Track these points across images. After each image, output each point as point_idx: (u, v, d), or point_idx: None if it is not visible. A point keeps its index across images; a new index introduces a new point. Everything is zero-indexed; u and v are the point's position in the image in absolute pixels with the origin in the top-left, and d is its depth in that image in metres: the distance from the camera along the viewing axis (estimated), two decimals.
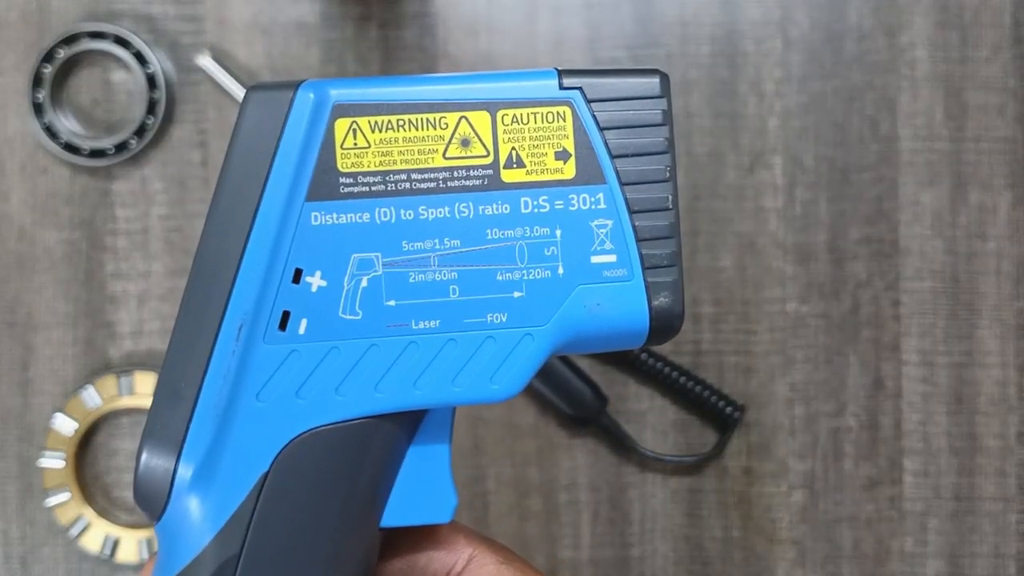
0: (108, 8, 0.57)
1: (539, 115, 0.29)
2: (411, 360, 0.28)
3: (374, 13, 0.57)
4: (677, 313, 0.29)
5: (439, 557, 0.30)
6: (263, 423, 0.28)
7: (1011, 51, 0.57)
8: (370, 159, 0.28)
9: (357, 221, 0.28)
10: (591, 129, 0.29)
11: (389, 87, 0.29)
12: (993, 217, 0.57)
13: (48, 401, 0.57)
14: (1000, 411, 0.57)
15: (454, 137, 0.29)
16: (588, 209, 0.29)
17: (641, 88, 0.29)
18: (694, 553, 0.57)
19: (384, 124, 0.28)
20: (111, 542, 0.56)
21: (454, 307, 0.28)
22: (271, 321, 0.28)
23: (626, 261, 0.28)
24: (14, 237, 0.57)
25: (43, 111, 0.56)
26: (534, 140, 0.29)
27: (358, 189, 0.28)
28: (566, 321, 0.28)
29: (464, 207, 0.28)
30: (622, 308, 0.28)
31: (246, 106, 0.29)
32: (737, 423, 0.56)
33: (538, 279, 0.28)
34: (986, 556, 0.57)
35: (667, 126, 0.29)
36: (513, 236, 0.29)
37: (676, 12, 0.57)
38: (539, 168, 0.29)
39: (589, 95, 0.29)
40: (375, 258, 0.28)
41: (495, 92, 0.29)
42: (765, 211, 0.57)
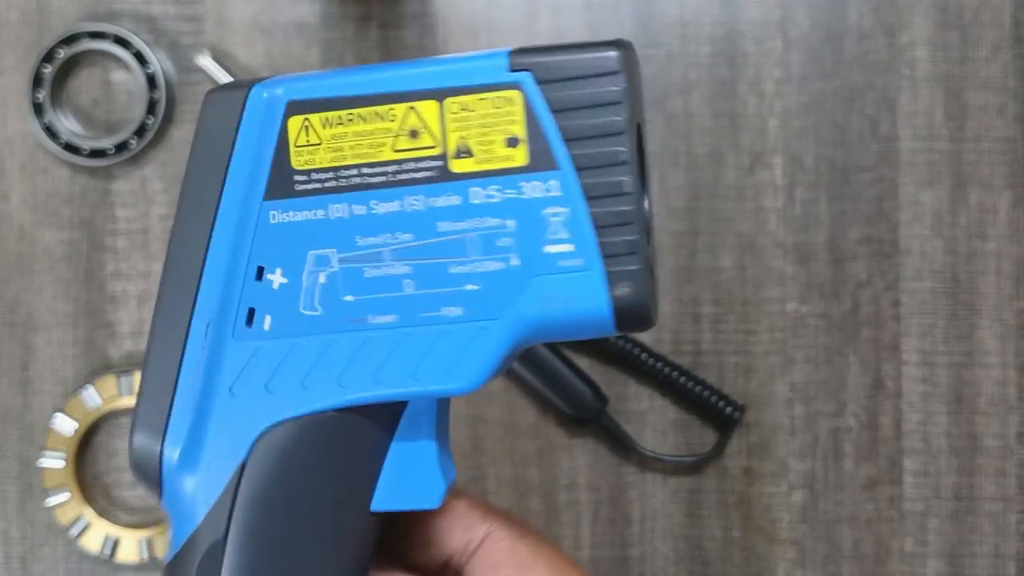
0: (108, 8, 0.57)
1: (487, 101, 0.27)
2: (370, 354, 0.28)
3: (374, 13, 0.57)
4: (641, 303, 0.27)
5: (455, 535, 0.31)
6: (238, 414, 0.29)
7: (1011, 51, 0.57)
8: (322, 155, 0.28)
9: (312, 218, 0.28)
10: (542, 112, 0.27)
11: (339, 79, 0.29)
12: (993, 217, 0.57)
13: (48, 401, 0.57)
14: (1000, 411, 0.57)
15: (403, 129, 0.28)
16: (541, 197, 0.27)
17: (595, 64, 0.27)
18: (694, 553, 0.57)
19: (335, 120, 0.28)
20: (111, 542, 0.56)
21: (409, 301, 0.28)
22: (238, 318, 0.29)
23: (583, 250, 0.27)
24: (14, 237, 0.57)
25: (43, 111, 0.56)
26: (482, 128, 0.27)
27: (312, 186, 0.28)
28: (523, 313, 0.27)
29: (415, 200, 0.28)
30: (580, 299, 0.27)
31: (204, 109, 0.29)
32: (737, 423, 0.56)
33: (492, 271, 0.27)
34: (986, 556, 0.57)
35: (623, 104, 0.27)
36: (464, 228, 0.28)
37: (676, 12, 0.57)
38: (488, 157, 0.27)
39: (540, 76, 0.27)
40: (331, 254, 0.28)
41: (442, 79, 0.28)
42: (765, 211, 0.57)
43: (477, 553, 0.30)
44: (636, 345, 0.56)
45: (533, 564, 0.30)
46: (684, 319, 0.57)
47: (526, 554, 0.30)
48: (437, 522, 0.31)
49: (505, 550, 0.30)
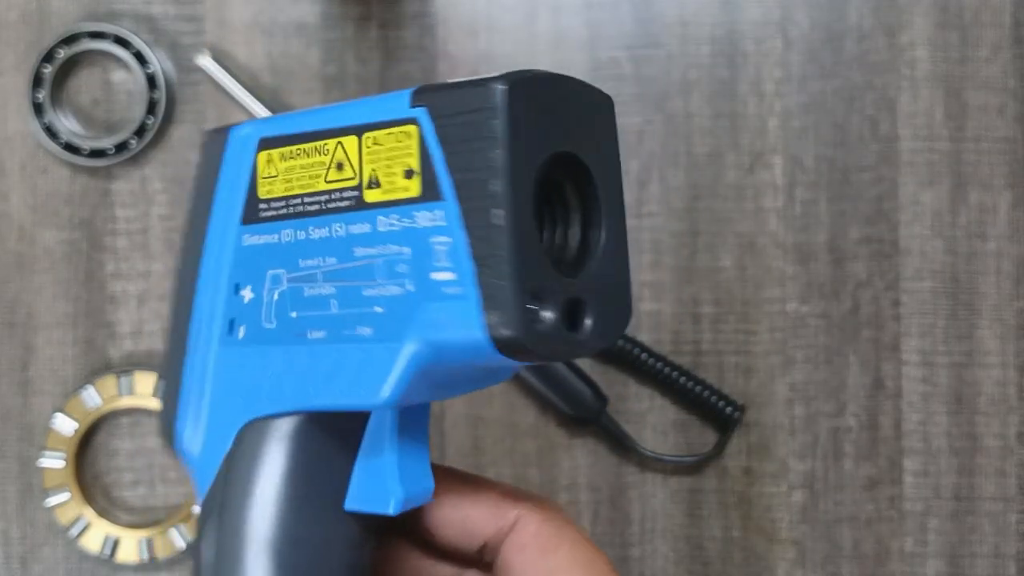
0: (108, 8, 0.57)
1: (392, 135, 0.29)
2: (305, 366, 0.30)
3: (374, 13, 0.57)
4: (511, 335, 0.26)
5: (488, 521, 0.32)
6: (225, 410, 0.32)
7: (1011, 51, 0.57)
8: (278, 186, 0.31)
9: (270, 241, 0.32)
10: (433, 146, 0.28)
11: (296, 118, 0.31)
12: (993, 217, 0.57)
13: (48, 401, 0.57)
14: (1000, 411, 0.57)
15: (332, 162, 0.30)
16: (430, 226, 0.28)
17: (478, 99, 0.27)
18: (694, 553, 0.57)
19: (288, 154, 0.31)
20: (111, 542, 0.56)
21: (335, 319, 0.30)
22: (223, 327, 0.32)
23: (462, 279, 0.27)
24: (14, 237, 0.57)
25: (43, 111, 0.56)
26: (387, 160, 0.29)
27: (271, 213, 0.31)
28: (418, 337, 0.28)
29: (338, 227, 0.30)
30: (459, 326, 0.27)
31: (202, 146, 0.33)
32: (737, 423, 0.56)
33: (393, 295, 0.29)
34: (986, 556, 0.57)
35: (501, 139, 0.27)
36: (373, 254, 0.29)
37: (676, 12, 0.57)
38: (391, 187, 0.29)
39: (433, 111, 0.28)
40: (282, 274, 0.31)
41: (362, 116, 0.29)
42: (765, 211, 0.57)
43: (508, 536, 0.31)
44: (636, 345, 0.56)
45: (557, 546, 0.31)
46: (684, 319, 0.57)
47: (550, 536, 0.31)
48: (471, 511, 0.32)
49: (532, 532, 0.31)
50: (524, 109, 0.27)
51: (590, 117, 0.29)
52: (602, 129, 0.29)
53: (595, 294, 0.28)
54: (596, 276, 0.28)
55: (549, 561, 0.31)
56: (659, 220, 0.57)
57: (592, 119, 0.29)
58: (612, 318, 0.28)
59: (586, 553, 0.31)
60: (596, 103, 0.29)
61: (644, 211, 0.57)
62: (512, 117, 0.27)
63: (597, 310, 0.28)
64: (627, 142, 0.57)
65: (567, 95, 0.28)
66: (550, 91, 0.28)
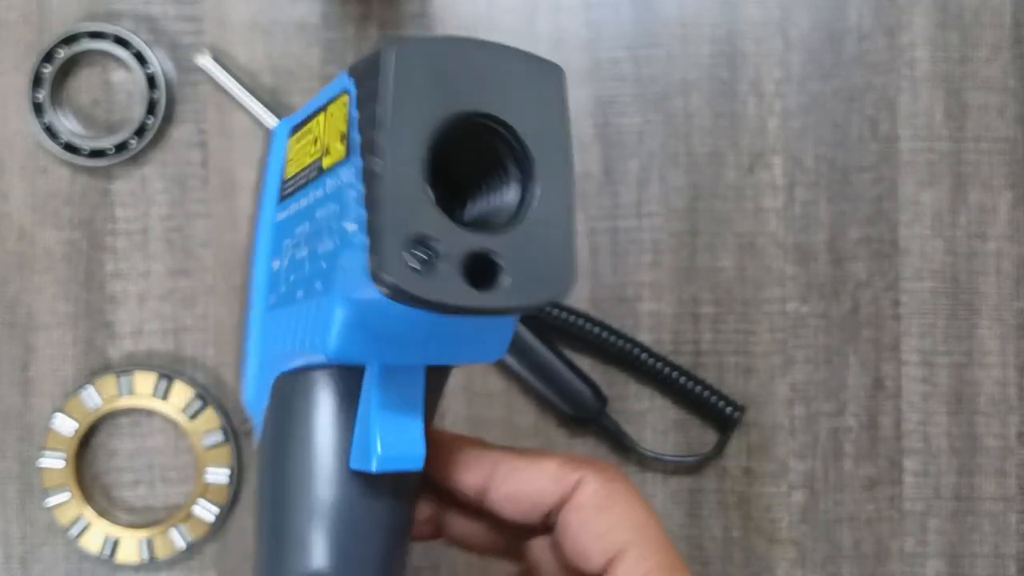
0: (108, 8, 0.57)
1: (336, 105, 0.31)
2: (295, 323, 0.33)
3: (374, 13, 0.57)
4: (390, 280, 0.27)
5: (551, 490, 0.33)
6: (264, 368, 0.35)
7: (1011, 51, 0.57)
8: (293, 165, 0.34)
9: (287, 215, 0.34)
10: (352, 110, 0.29)
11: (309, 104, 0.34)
12: (993, 217, 0.57)
13: (48, 401, 0.57)
14: (1000, 411, 0.57)
15: (312, 137, 0.33)
16: (346, 182, 0.29)
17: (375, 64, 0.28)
18: (694, 553, 0.57)
19: (298, 136, 0.34)
20: (111, 542, 0.56)
21: (307, 278, 0.32)
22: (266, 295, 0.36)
23: (360, 227, 0.28)
24: (14, 237, 0.57)
25: (43, 111, 0.56)
26: (331, 128, 0.31)
27: (289, 190, 0.34)
28: (341, 285, 0.29)
29: (310, 194, 0.32)
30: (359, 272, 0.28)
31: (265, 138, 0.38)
32: (737, 423, 0.56)
33: (329, 250, 0.30)
34: (986, 556, 0.57)
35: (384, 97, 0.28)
36: (324, 215, 0.31)
37: (676, 12, 0.57)
38: (334, 152, 0.31)
39: (356, 79, 0.29)
40: (288, 243, 0.34)
41: (326, 94, 0.32)
42: (765, 211, 0.57)
43: (568, 500, 0.33)
44: (636, 345, 0.56)
45: (611, 505, 0.33)
46: (684, 319, 0.57)
47: (606, 496, 0.33)
48: (537, 483, 0.33)
49: (589, 493, 0.33)
50: (416, 70, 0.28)
51: (524, 83, 0.29)
52: (542, 95, 0.29)
53: (520, 254, 0.28)
54: (525, 237, 0.28)
55: (602, 519, 0.32)
56: (659, 220, 0.57)
57: (527, 85, 0.29)
58: (539, 281, 0.28)
59: (639, 514, 0.33)
60: (534, 70, 0.29)
61: (644, 211, 0.57)
62: (398, 77, 0.27)
63: (520, 270, 0.28)
64: (627, 142, 0.57)
65: (487, 61, 0.29)
66: (459, 55, 0.28)
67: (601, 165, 0.57)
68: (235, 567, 0.57)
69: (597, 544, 0.32)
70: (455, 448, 0.34)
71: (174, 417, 0.56)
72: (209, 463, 0.56)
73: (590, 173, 0.57)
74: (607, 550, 0.32)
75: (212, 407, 0.56)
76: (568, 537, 0.33)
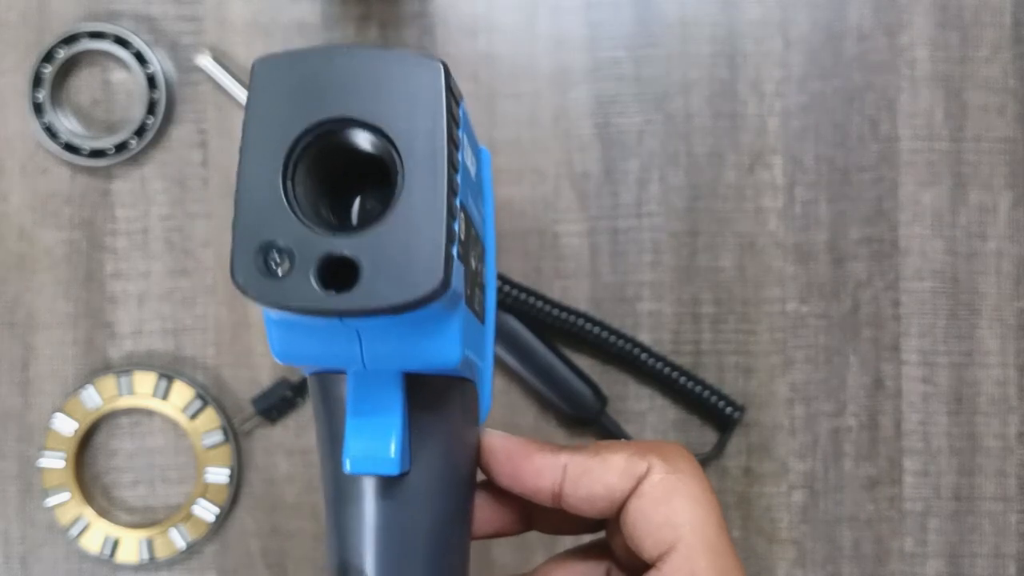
0: (108, 8, 0.57)
1: None
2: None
3: (374, 13, 0.57)
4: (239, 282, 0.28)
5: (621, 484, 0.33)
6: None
7: (1011, 51, 0.57)
8: None
9: None
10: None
11: None
12: (993, 217, 0.57)
13: (48, 401, 0.57)
14: (1000, 411, 0.57)
15: None
16: None
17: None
18: None
19: None
20: (111, 542, 0.56)
21: None
22: None
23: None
24: (14, 237, 0.57)
25: (43, 111, 0.56)
26: None
27: None
28: None
29: None
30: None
31: None
32: (737, 423, 0.56)
33: None
34: (986, 556, 0.57)
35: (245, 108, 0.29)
36: None
37: (676, 12, 0.57)
38: None
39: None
40: None
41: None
42: (765, 211, 0.57)
43: (636, 494, 0.33)
44: (636, 345, 0.56)
45: (670, 498, 0.33)
46: (684, 319, 0.57)
47: (667, 488, 0.33)
48: (606, 480, 0.33)
49: (654, 483, 0.33)
50: (279, 82, 0.28)
51: (397, 84, 0.29)
52: (417, 95, 0.29)
53: (379, 256, 0.28)
54: (386, 239, 0.28)
55: (660, 511, 0.33)
56: (659, 220, 0.57)
57: (400, 86, 0.29)
58: (398, 282, 0.28)
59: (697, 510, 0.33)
60: (410, 70, 0.29)
61: (644, 211, 0.57)
62: (257, 90, 0.28)
63: (378, 272, 0.28)
64: (627, 142, 0.57)
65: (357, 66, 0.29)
66: (326, 64, 0.29)
67: (601, 165, 0.57)
68: (235, 567, 0.57)
69: (651, 536, 0.33)
70: (521, 455, 0.35)
71: (174, 417, 0.56)
72: (209, 463, 0.56)
73: (590, 173, 0.57)
74: (660, 543, 0.33)
75: (212, 407, 0.56)
76: (628, 524, 0.33)
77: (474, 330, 0.33)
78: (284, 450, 0.57)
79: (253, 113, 0.28)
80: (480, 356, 0.35)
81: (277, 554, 0.57)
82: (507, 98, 0.57)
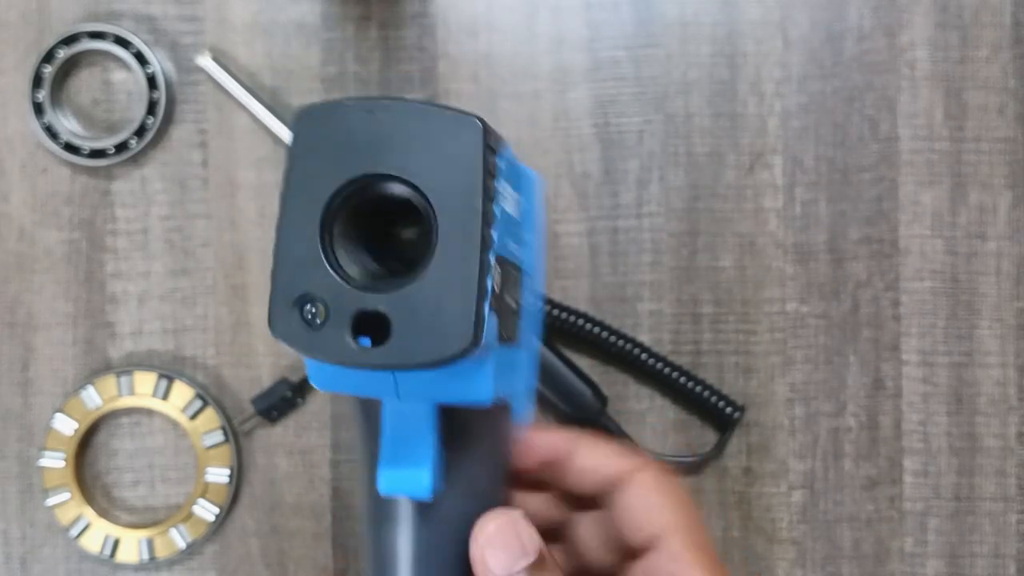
0: (108, 8, 0.57)
1: None
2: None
3: (374, 13, 0.57)
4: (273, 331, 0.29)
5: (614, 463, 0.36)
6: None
7: (1011, 51, 0.57)
8: None
9: None
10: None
11: None
12: (993, 217, 0.57)
13: (48, 401, 0.57)
14: (1000, 411, 0.57)
15: None
16: None
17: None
18: None
19: None
20: (111, 542, 0.56)
21: None
22: None
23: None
24: (14, 237, 0.57)
25: (43, 111, 0.56)
26: None
27: None
28: None
29: None
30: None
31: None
32: (737, 423, 0.56)
33: None
34: (986, 556, 0.57)
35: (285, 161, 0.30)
36: None
37: (676, 12, 0.57)
38: None
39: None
40: None
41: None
42: (765, 211, 0.57)
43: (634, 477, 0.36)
44: (636, 345, 0.56)
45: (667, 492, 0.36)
46: (684, 319, 0.57)
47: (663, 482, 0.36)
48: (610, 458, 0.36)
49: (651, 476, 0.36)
50: (320, 134, 0.29)
51: (435, 140, 0.29)
52: (454, 152, 0.29)
53: (411, 313, 0.28)
54: (419, 296, 0.28)
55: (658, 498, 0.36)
56: (659, 220, 0.57)
57: (438, 141, 0.29)
58: (429, 340, 0.28)
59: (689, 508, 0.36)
60: (448, 126, 0.29)
61: (644, 211, 0.57)
62: (298, 142, 0.29)
63: (409, 329, 0.28)
64: (627, 142, 0.57)
65: (397, 119, 0.29)
66: (366, 117, 0.29)
67: (601, 165, 0.57)
68: (235, 567, 0.57)
69: (650, 517, 0.35)
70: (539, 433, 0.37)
71: (174, 417, 0.56)
72: (209, 463, 0.56)
73: (590, 173, 0.57)
74: (658, 524, 0.35)
75: (212, 407, 0.56)
76: (623, 509, 0.36)
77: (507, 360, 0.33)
78: (284, 450, 0.57)
79: (295, 164, 0.29)
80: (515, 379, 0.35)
81: (277, 554, 0.57)
82: (507, 98, 0.57)
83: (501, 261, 0.30)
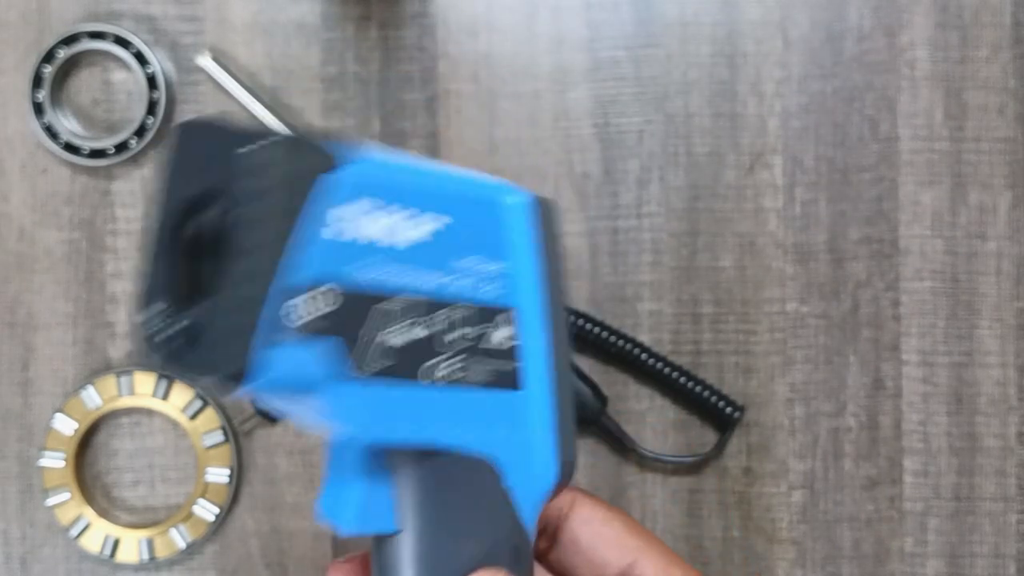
0: (108, 8, 0.57)
1: None
2: None
3: (374, 13, 0.57)
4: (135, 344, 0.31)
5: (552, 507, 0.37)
6: None
7: (1011, 51, 0.57)
8: None
9: None
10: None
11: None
12: (993, 217, 0.57)
13: (48, 401, 0.57)
14: (1000, 411, 0.57)
15: None
16: None
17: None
18: (694, 553, 0.57)
19: None
20: (111, 542, 0.56)
21: None
22: None
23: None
24: (14, 237, 0.57)
25: (43, 111, 0.56)
26: None
27: None
28: None
29: None
30: None
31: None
32: (737, 423, 0.56)
33: None
34: (986, 556, 0.57)
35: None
36: None
37: (676, 12, 0.57)
38: None
39: None
40: None
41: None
42: (765, 211, 0.57)
43: (570, 515, 0.37)
44: (636, 345, 0.56)
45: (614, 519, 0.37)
46: (684, 319, 0.57)
47: (605, 511, 0.37)
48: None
49: (591, 508, 0.37)
50: (181, 149, 0.30)
51: (253, 161, 0.28)
52: (270, 172, 0.28)
53: (214, 325, 0.28)
54: (213, 312, 0.28)
55: (612, 529, 0.37)
56: (659, 220, 0.57)
57: (256, 163, 0.28)
58: (223, 352, 0.28)
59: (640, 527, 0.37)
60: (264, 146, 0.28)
61: (644, 211, 0.57)
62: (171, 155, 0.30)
63: (211, 339, 0.28)
64: (627, 142, 0.57)
65: (229, 140, 0.29)
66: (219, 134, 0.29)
67: (601, 165, 0.57)
68: (235, 567, 0.57)
69: (613, 551, 0.36)
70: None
71: (174, 417, 0.56)
72: (209, 463, 0.56)
73: (590, 173, 0.57)
74: (624, 555, 0.36)
75: (212, 407, 0.56)
76: (582, 549, 0.36)
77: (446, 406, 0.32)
78: (284, 450, 0.57)
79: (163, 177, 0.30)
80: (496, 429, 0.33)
81: (277, 554, 0.57)
82: (507, 98, 0.57)
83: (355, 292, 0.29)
